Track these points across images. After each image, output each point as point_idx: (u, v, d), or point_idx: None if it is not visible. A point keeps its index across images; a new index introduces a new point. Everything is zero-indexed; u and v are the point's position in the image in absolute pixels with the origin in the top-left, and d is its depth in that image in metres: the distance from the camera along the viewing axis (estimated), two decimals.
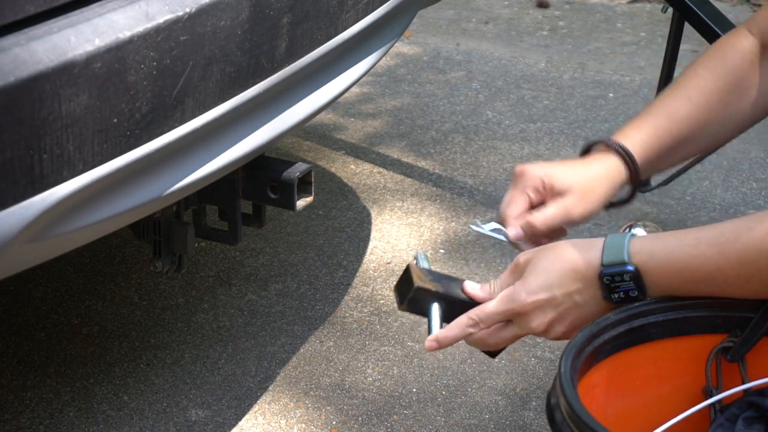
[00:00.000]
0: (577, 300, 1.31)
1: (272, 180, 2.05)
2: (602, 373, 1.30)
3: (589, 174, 1.49)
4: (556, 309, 1.32)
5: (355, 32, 2.03)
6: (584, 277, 1.30)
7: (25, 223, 1.45)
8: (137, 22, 1.53)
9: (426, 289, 1.42)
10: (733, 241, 1.24)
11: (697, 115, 1.52)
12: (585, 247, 1.32)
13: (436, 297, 1.42)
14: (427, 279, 1.43)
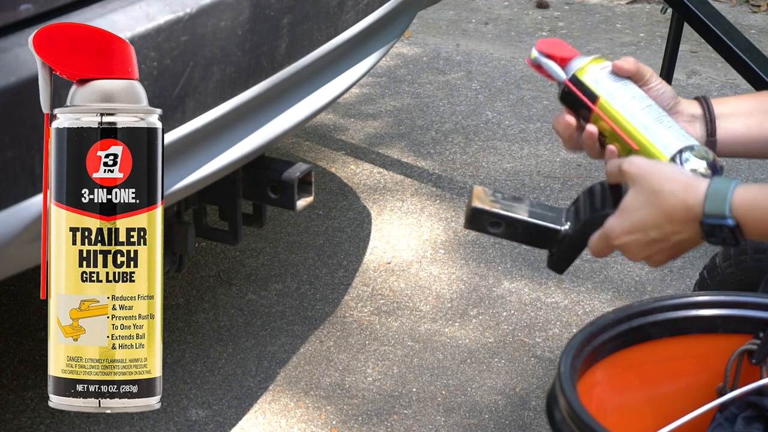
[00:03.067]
0: (674, 239, 1.31)
1: (272, 180, 2.05)
2: (602, 372, 1.30)
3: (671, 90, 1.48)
4: (652, 245, 1.32)
5: (355, 33, 2.03)
6: (683, 221, 1.29)
7: (25, 223, 1.45)
8: (138, 22, 1.54)
9: (482, 209, 1.42)
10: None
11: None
12: (687, 188, 1.29)
13: (494, 217, 1.43)
14: (486, 199, 1.43)
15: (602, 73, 1.45)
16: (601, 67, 1.45)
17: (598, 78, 1.44)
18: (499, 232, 1.43)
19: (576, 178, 3.20)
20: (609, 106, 1.45)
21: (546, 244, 1.45)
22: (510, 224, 1.43)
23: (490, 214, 1.42)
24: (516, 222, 1.42)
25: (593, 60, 1.46)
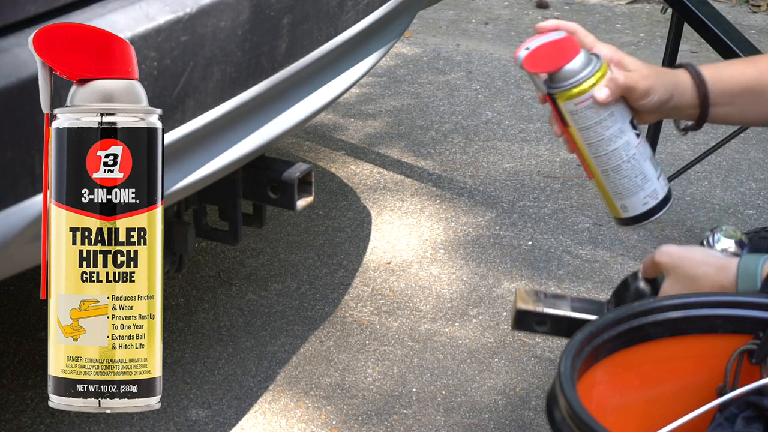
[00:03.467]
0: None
1: (272, 180, 2.05)
2: (602, 372, 1.30)
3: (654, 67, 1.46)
4: None
5: (355, 33, 2.03)
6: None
7: (25, 223, 1.45)
8: (138, 22, 1.54)
9: (527, 310, 1.48)
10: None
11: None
12: (720, 270, 1.32)
13: (538, 316, 1.47)
14: (530, 300, 1.48)
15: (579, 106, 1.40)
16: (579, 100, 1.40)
17: (573, 110, 1.41)
18: (546, 330, 1.48)
19: (576, 178, 3.20)
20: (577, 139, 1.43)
21: None
22: (555, 321, 1.47)
23: (534, 314, 1.47)
24: (561, 319, 1.47)
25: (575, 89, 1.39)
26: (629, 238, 2.92)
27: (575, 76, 1.38)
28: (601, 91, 1.37)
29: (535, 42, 1.38)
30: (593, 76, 1.38)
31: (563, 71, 1.38)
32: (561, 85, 1.39)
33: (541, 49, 1.37)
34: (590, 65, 1.39)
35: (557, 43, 1.37)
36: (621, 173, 1.42)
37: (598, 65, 1.39)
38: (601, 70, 1.38)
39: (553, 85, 1.40)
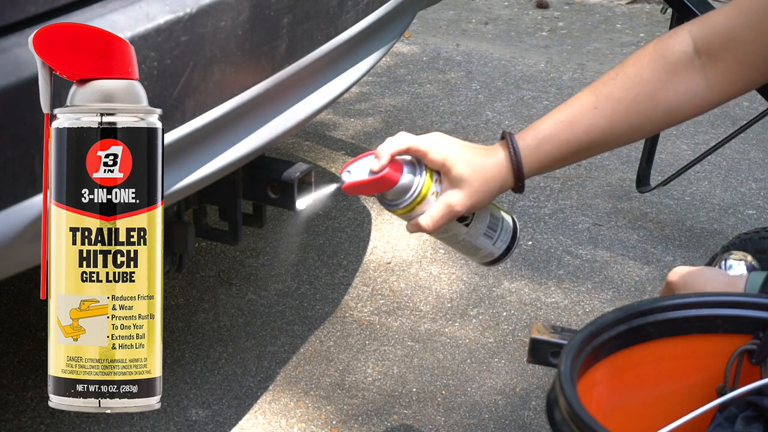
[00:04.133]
0: None
1: (272, 180, 2.05)
2: (602, 372, 1.30)
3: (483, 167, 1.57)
4: None
5: (355, 33, 2.03)
6: None
7: (25, 223, 1.45)
8: (138, 22, 1.54)
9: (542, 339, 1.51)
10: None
11: (600, 124, 1.56)
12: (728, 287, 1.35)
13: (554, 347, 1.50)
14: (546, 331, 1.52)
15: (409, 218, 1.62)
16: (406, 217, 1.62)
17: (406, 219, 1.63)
18: None
19: (576, 178, 3.20)
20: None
21: None
22: None
23: (550, 344, 1.51)
24: None
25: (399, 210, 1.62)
26: (629, 238, 2.92)
27: (395, 201, 1.60)
28: (410, 227, 1.60)
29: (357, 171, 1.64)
30: (406, 207, 1.59)
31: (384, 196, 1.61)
32: (388, 203, 1.61)
33: (359, 183, 1.62)
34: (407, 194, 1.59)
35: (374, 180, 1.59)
36: (459, 248, 1.70)
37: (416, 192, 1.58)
38: (417, 198, 1.58)
39: (382, 201, 1.63)
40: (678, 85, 1.53)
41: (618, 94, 1.54)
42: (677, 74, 1.53)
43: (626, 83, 1.55)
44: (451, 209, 1.57)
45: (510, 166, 1.57)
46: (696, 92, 1.54)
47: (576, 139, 1.56)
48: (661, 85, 1.54)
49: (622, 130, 1.57)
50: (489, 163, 1.57)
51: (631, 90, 1.54)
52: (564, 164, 1.62)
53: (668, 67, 1.53)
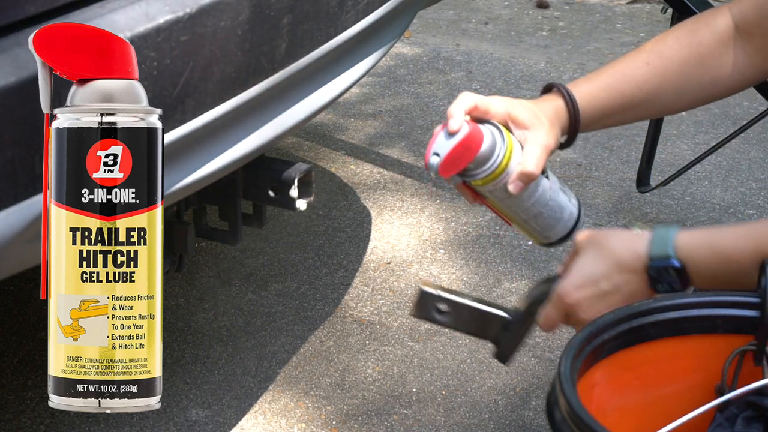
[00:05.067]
0: (625, 290, 1.35)
1: (272, 180, 2.05)
2: (602, 372, 1.30)
3: (541, 108, 1.49)
4: (604, 300, 1.35)
5: (355, 33, 2.03)
6: (631, 268, 1.33)
7: (25, 223, 1.45)
8: (138, 22, 1.54)
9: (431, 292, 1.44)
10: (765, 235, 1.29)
11: (653, 80, 1.53)
12: (632, 239, 1.34)
13: (442, 301, 1.44)
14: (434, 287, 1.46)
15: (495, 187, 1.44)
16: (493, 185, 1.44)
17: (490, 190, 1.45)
18: (446, 320, 1.45)
19: (576, 178, 3.21)
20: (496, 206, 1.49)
21: (492, 331, 1.46)
22: (457, 309, 1.44)
23: (438, 298, 1.44)
24: (463, 307, 1.44)
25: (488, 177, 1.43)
26: None
27: (484, 166, 1.42)
28: (513, 185, 1.43)
29: (442, 146, 1.40)
30: (501, 164, 1.42)
31: (473, 164, 1.42)
32: (473, 174, 1.43)
33: (451, 153, 1.39)
34: (495, 152, 1.42)
35: (463, 143, 1.40)
36: (542, 217, 1.49)
37: (503, 150, 1.42)
38: (506, 154, 1.42)
39: (465, 175, 1.44)
40: (724, 55, 1.53)
41: (669, 53, 1.53)
42: (724, 45, 1.53)
43: (677, 44, 1.53)
44: (544, 145, 1.44)
45: (567, 113, 1.49)
46: (737, 66, 1.55)
47: (630, 92, 1.52)
48: (710, 52, 1.53)
49: (669, 93, 1.55)
50: (545, 107, 1.48)
51: (682, 50, 1.53)
52: (612, 122, 1.55)
53: (716, 36, 1.54)
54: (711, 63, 1.54)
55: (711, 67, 1.54)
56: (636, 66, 1.53)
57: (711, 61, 1.54)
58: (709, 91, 1.58)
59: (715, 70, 1.54)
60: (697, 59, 1.54)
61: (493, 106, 1.45)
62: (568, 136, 1.52)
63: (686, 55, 1.53)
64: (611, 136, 3.45)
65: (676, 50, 1.53)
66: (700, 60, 1.54)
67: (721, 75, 1.55)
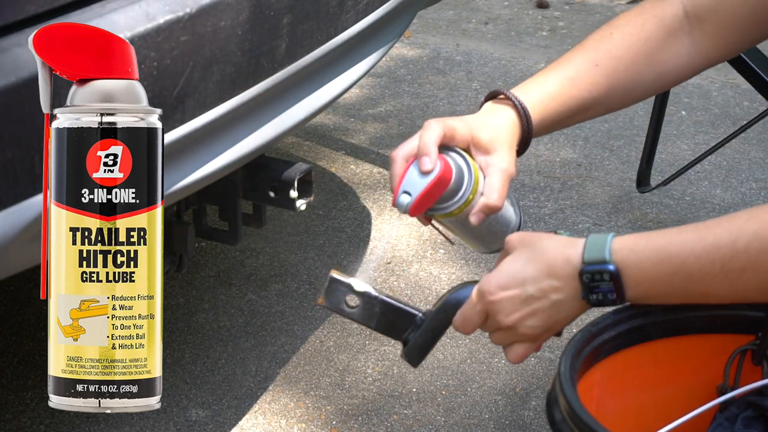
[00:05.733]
0: (552, 298, 1.27)
1: (272, 180, 2.05)
2: (602, 372, 1.30)
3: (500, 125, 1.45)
4: (527, 305, 1.28)
5: (355, 33, 2.03)
6: (562, 274, 1.26)
7: (25, 223, 1.45)
8: (138, 22, 1.54)
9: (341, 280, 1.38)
10: (714, 226, 1.23)
11: (602, 83, 1.49)
12: (567, 244, 1.28)
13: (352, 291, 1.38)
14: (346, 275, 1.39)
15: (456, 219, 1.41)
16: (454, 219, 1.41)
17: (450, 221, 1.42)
18: (355, 312, 1.38)
19: (576, 178, 3.20)
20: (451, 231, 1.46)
21: (401, 330, 1.40)
22: (368, 302, 1.37)
23: (348, 287, 1.38)
24: (374, 300, 1.38)
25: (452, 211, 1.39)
26: None
27: (451, 201, 1.38)
28: (475, 217, 1.38)
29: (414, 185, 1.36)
30: (467, 198, 1.38)
31: (439, 200, 1.38)
32: (437, 209, 1.39)
33: (423, 193, 1.36)
34: (463, 187, 1.38)
35: (436, 182, 1.36)
36: (490, 234, 1.46)
37: (471, 184, 1.38)
38: (473, 188, 1.38)
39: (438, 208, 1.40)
40: (671, 48, 1.51)
41: (617, 52, 1.49)
42: (672, 36, 1.51)
43: (625, 41, 1.50)
44: (507, 173, 1.40)
45: (520, 127, 1.45)
46: (685, 56, 1.52)
47: (579, 96, 1.48)
48: (658, 47, 1.50)
49: (618, 91, 1.51)
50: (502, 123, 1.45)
51: (630, 48, 1.49)
52: (560, 127, 1.52)
53: (664, 29, 1.50)
54: (659, 58, 1.51)
55: (659, 62, 1.51)
56: (585, 69, 1.49)
57: (659, 56, 1.51)
58: (657, 86, 1.55)
59: (662, 65, 1.51)
60: (645, 56, 1.50)
61: (458, 132, 1.42)
62: (519, 147, 1.47)
63: (634, 54, 1.50)
64: (611, 136, 3.45)
65: (624, 49, 1.49)
66: (649, 56, 1.51)
67: (668, 68, 1.52)
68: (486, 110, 1.49)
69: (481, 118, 1.45)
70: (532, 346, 1.31)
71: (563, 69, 1.50)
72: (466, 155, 1.40)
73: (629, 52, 1.50)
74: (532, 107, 1.46)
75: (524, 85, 1.49)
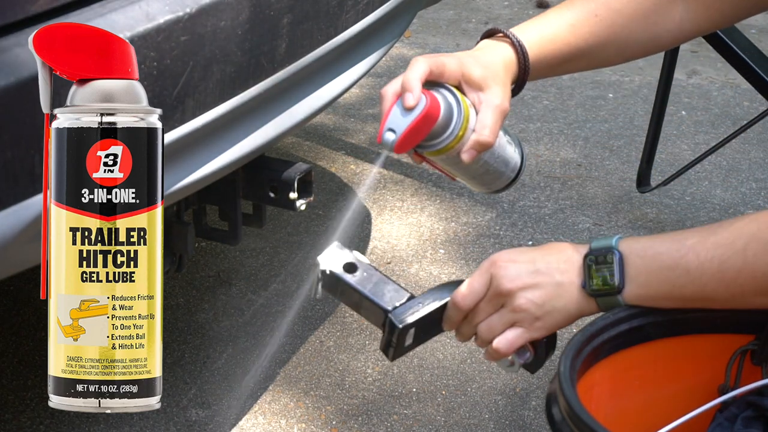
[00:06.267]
0: (557, 278, 1.29)
1: (272, 180, 2.05)
2: (602, 372, 1.30)
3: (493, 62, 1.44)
4: (532, 276, 1.30)
5: (354, 33, 2.03)
6: (569, 259, 1.30)
7: (25, 223, 1.45)
8: (137, 22, 1.54)
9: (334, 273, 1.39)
10: (716, 227, 1.25)
11: (599, 33, 1.50)
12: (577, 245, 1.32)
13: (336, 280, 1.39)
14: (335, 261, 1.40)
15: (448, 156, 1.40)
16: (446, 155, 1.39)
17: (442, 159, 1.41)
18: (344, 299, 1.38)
19: (576, 178, 3.20)
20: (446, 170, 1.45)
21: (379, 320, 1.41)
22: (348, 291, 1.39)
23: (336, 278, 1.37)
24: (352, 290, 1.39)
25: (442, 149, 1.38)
26: None
27: (440, 138, 1.36)
28: (467, 154, 1.38)
29: (398, 122, 1.34)
30: (457, 135, 1.36)
31: (428, 136, 1.36)
32: (426, 146, 1.38)
33: (408, 130, 1.33)
34: (452, 124, 1.36)
35: (421, 119, 1.33)
36: (488, 173, 1.45)
37: (460, 120, 1.36)
38: (462, 125, 1.36)
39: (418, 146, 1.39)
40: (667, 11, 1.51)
41: (618, 6, 1.50)
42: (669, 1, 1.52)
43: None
44: (500, 109, 1.39)
45: (517, 66, 1.45)
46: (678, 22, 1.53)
47: (576, 43, 1.49)
48: (654, 8, 1.51)
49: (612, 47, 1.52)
50: (496, 59, 1.44)
51: (630, 4, 1.50)
52: (553, 72, 1.52)
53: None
54: (655, 19, 1.52)
55: (654, 23, 1.52)
56: (585, 17, 1.50)
57: (655, 17, 1.52)
58: (648, 47, 1.55)
59: (657, 26, 1.52)
60: (643, 15, 1.51)
61: (448, 68, 1.39)
62: (515, 87, 1.46)
63: (633, 10, 1.50)
64: (611, 136, 3.45)
65: (625, 3, 1.50)
66: (646, 15, 1.51)
67: (661, 31, 1.53)
68: (481, 47, 1.47)
69: (474, 54, 1.44)
70: (524, 333, 1.32)
71: (563, 15, 1.52)
72: (456, 91, 1.38)
73: (628, 8, 1.51)
74: (530, 46, 1.47)
75: (523, 25, 1.51)
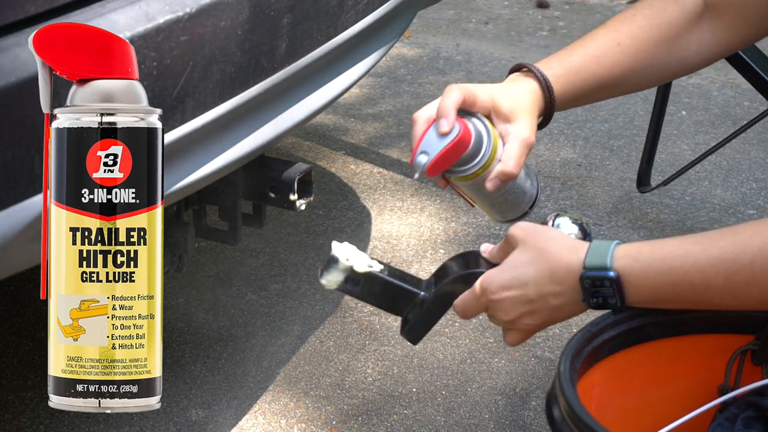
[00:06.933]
0: (552, 303, 1.30)
1: (272, 180, 2.05)
2: (601, 372, 1.30)
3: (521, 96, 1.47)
4: (527, 305, 1.31)
5: (354, 33, 2.03)
6: (563, 280, 1.29)
7: (25, 223, 1.45)
8: (137, 22, 1.54)
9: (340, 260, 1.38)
10: (717, 239, 1.24)
11: (624, 62, 1.52)
12: (570, 248, 1.30)
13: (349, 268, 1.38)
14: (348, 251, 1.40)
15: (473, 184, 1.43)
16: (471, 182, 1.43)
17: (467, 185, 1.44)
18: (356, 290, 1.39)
19: (576, 178, 3.20)
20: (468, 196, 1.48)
21: (403, 307, 1.42)
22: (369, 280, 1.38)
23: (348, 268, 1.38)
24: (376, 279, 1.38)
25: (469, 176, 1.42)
26: (630, 238, 2.92)
27: (469, 164, 1.40)
28: (491, 183, 1.41)
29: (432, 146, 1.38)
30: (485, 163, 1.40)
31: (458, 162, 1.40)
32: (454, 171, 1.42)
33: (441, 154, 1.38)
34: (481, 151, 1.40)
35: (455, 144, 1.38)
36: (506, 203, 1.49)
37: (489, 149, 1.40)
38: (491, 154, 1.40)
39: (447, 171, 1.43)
40: (692, 34, 1.53)
41: (640, 34, 1.52)
42: (693, 23, 1.53)
43: (647, 24, 1.52)
44: (526, 142, 1.43)
45: (543, 99, 1.48)
46: (705, 44, 1.54)
47: (601, 74, 1.51)
48: (678, 32, 1.52)
49: (639, 74, 1.54)
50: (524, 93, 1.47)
51: (652, 31, 1.52)
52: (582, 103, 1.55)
53: (685, 15, 1.52)
54: (679, 43, 1.53)
55: (679, 47, 1.53)
56: (608, 47, 1.52)
57: (679, 41, 1.53)
58: (675, 70, 1.57)
59: (682, 50, 1.53)
60: (666, 40, 1.53)
61: (479, 98, 1.43)
62: (542, 119, 1.50)
63: (657, 37, 1.52)
64: (611, 136, 3.45)
65: (647, 31, 1.52)
66: (670, 41, 1.53)
67: (688, 54, 1.54)
68: (509, 80, 1.51)
69: (504, 87, 1.47)
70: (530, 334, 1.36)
71: (587, 46, 1.53)
72: (486, 121, 1.42)
73: (652, 34, 1.52)
74: (555, 80, 1.49)
75: (548, 59, 1.52)
